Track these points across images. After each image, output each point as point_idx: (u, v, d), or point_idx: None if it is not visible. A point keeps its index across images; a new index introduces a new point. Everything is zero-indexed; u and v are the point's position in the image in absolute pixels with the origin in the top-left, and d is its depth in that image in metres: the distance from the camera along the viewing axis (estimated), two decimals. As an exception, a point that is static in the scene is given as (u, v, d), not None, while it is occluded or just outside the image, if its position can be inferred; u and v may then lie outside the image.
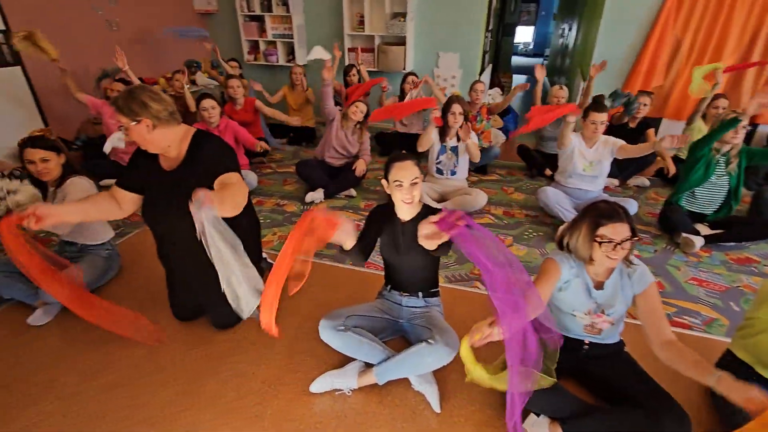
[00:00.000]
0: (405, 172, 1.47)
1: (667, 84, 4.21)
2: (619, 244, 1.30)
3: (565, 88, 3.63)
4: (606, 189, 3.17)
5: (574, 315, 1.48)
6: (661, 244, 2.68)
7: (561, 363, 1.52)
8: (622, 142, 2.73)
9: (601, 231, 1.31)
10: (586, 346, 1.53)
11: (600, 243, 1.32)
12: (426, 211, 1.59)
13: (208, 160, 1.57)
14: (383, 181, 1.56)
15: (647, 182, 3.58)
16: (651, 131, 3.48)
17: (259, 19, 5.11)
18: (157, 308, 2.00)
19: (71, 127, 3.95)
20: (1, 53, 3.39)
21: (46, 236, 2.69)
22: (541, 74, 3.63)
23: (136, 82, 3.40)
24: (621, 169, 3.50)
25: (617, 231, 1.30)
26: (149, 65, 4.69)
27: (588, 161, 2.78)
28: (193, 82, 5.16)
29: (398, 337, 1.81)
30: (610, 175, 3.02)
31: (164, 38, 4.86)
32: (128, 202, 1.70)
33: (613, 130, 3.37)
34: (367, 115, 3.30)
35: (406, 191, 1.48)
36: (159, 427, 1.45)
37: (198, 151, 1.60)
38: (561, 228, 1.52)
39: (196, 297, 1.85)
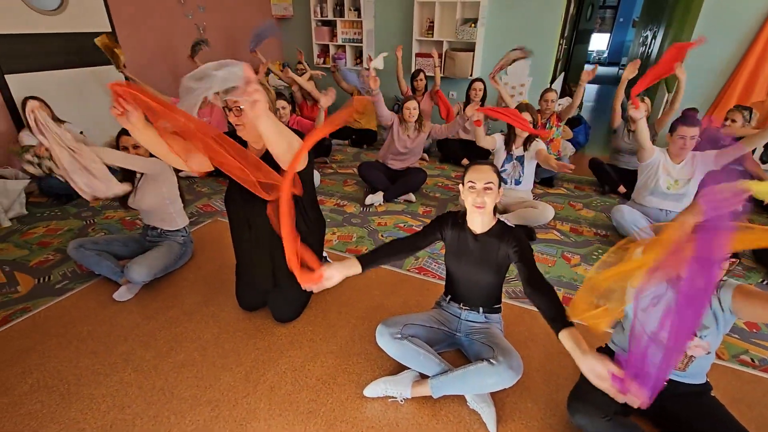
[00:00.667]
0: (480, 174, 1.44)
1: (770, 99, 3.76)
2: None
3: (647, 99, 3.36)
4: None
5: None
6: (756, 278, 2.39)
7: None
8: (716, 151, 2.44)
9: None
10: (666, 383, 1.39)
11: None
12: (501, 228, 1.52)
13: None
14: (459, 186, 1.53)
15: (739, 206, 3.21)
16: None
17: (331, 24, 5.28)
18: (223, 295, 2.12)
19: (158, 121, 4.32)
20: (103, 52, 3.78)
21: (131, 219, 2.95)
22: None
23: None
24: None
25: None
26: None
27: (674, 179, 2.55)
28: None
29: (454, 350, 1.77)
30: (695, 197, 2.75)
31: (243, 41, 5.18)
32: (198, 160, 1.51)
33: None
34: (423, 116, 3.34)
35: (477, 194, 1.44)
36: (221, 409, 1.52)
37: None
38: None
39: (263, 283, 1.93)
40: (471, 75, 4.64)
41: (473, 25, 4.48)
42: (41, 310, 2.03)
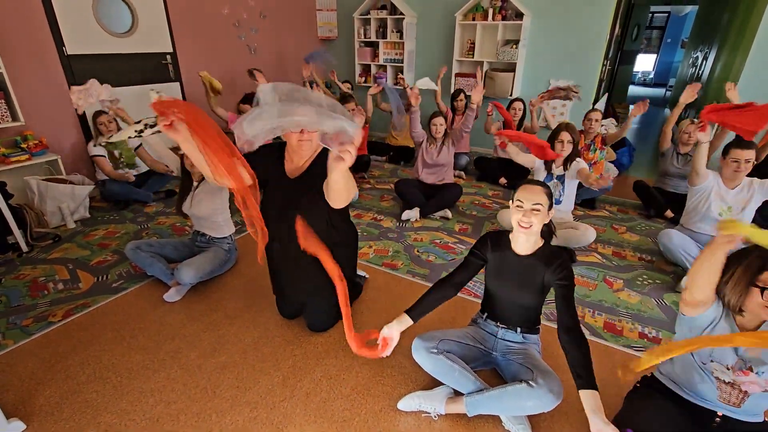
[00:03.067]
0: (530, 194, 1.43)
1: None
2: None
3: (696, 122, 3.23)
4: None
5: (711, 371, 1.27)
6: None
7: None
8: None
9: (767, 276, 1.12)
10: (719, 419, 1.31)
11: (762, 290, 1.12)
12: (548, 251, 1.51)
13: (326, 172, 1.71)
14: (510, 202, 1.53)
15: None
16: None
17: (374, 45, 5.47)
18: (263, 301, 2.21)
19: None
20: (168, 71, 4.10)
21: (181, 225, 3.14)
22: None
23: None
24: (765, 215, 2.97)
25: None
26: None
27: (727, 205, 2.42)
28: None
29: (490, 369, 1.75)
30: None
31: (290, 60, 5.46)
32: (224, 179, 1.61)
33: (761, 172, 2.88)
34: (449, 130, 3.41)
35: (524, 214, 1.43)
36: (259, 411, 1.57)
37: (320, 165, 1.74)
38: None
39: (294, 295, 1.99)
40: (511, 95, 4.65)
41: (515, 46, 4.50)
42: (99, 306, 2.19)
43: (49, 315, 2.11)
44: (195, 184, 2.32)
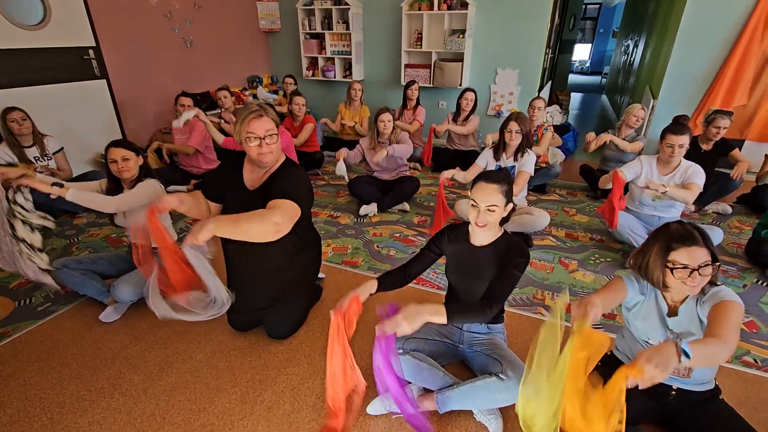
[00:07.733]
0: (484, 194, 1.37)
1: (752, 104, 3.86)
2: (697, 270, 1.13)
3: (645, 108, 3.39)
4: (682, 215, 2.90)
5: (650, 345, 1.32)
6: (751, 279, 2.40)
7: (645, 411, 1.37)
8: (696, 183, 2.36)
9: (674, 256, 1.16)
10: (674, 392, 1.36)
11: (672, 269, 1.17)
12: (505, 240, 1.48)
13: (282, 184, 1.63)
14: (469, 192, 1.48)
15: (729, 209, 3.25)
16: (737, 152, 3.17)
17: (320, 37, 5.29)
18: (217, 313, 2.04)
19: (144, 136, 4.24)
20: (92, 68, 3.72)
21: (117, 236, 2.86)
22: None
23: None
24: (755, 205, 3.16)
25: (693, 256, 1.14)
26: (217, 79, 4.99)
27: (660, 192, 2.45)
28: (254, 96, 5.42)
29: (458, 362, 1.72)
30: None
31: (231, 55, 5.16)
32: (214, 208, 1.82)
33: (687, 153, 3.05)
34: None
35: (478, 215, 1.39)
36: (216, 434, 1.44)
37: (279, 176, 1.67)
38: (633, 252, 1.38)
39: (256, 306, 1.86)
40: (460, 84, 4.68)
41: (461, 35, 4.52)
42: (22, 334, 1.93)
43: (-41, 350, 1.83)
44: (126, 189, 2.08)
